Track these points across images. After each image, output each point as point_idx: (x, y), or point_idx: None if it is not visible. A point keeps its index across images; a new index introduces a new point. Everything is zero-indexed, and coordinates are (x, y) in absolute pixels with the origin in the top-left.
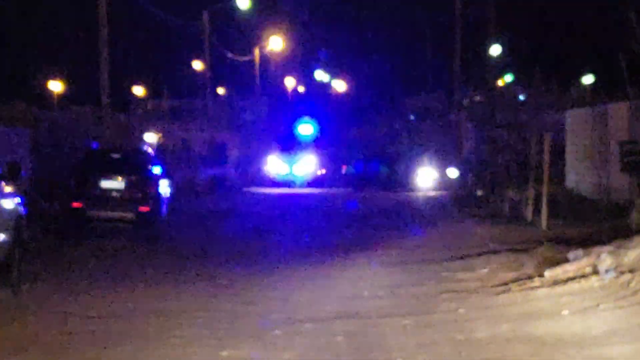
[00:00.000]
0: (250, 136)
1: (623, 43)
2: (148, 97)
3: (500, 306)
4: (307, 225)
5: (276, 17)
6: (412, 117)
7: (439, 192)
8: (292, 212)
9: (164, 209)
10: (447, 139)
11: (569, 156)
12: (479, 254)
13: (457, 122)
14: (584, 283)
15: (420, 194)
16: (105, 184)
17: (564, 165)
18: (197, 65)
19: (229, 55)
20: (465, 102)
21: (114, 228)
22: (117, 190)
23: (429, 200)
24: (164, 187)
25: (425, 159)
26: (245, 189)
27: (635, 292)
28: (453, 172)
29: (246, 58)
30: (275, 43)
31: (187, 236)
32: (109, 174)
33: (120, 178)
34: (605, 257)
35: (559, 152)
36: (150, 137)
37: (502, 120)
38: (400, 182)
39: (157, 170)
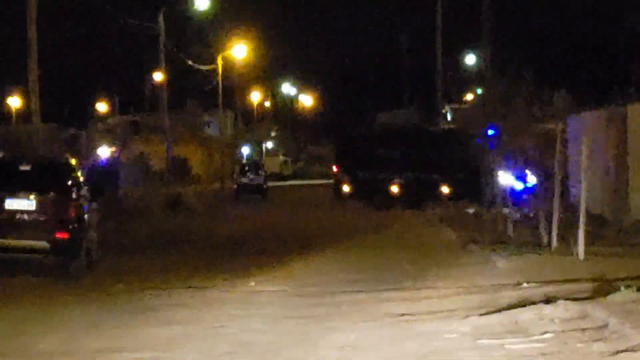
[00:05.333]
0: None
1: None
2: (111, 113)
3: None
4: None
5: (240, 24)
6: None
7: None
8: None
9: (93, 234)
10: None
11: (572, 167)
12: (522, 304)
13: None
14: None
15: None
16: (11, 203)
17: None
18: (158, 77)
19: (189, 62)
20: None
21: (25, 260)
22: (27, 212)
23: (415, 219)
24: (92, 207)
25: None
26: None
27: None
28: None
29: (208, 67)
30: (239, 51)
31: (124, 270)
32: (16, 191)
33: (30, 196)
34: None
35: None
36: (104, 152)
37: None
38: None
39: (82, 186)
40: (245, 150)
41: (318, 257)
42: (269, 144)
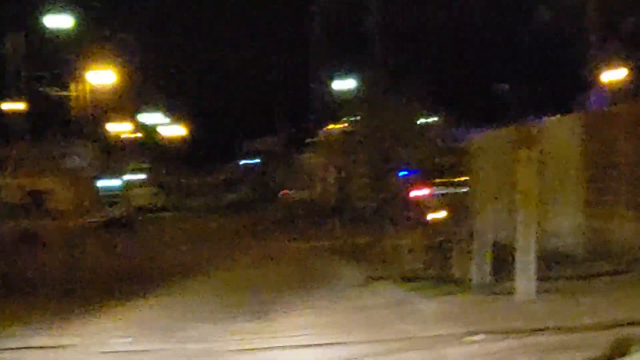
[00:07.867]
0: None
1: None
2: None
3: None
4: None
5: (104, 49)
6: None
7: None
8: None
9: None
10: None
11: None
12: None
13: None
14: None
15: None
16: None
17: None
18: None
19: (42, 89)
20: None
21: None
22: None
23: (301, 249)
24: None
25: None
26: None
27: None
28: None
29: (68, 94)
30: (103, 77)
31: None
32: None
33: None
34: None
35: None
36: None
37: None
38: None
39: None
40: (112, 182)
41: (194, 302)
42: (138, 176)
